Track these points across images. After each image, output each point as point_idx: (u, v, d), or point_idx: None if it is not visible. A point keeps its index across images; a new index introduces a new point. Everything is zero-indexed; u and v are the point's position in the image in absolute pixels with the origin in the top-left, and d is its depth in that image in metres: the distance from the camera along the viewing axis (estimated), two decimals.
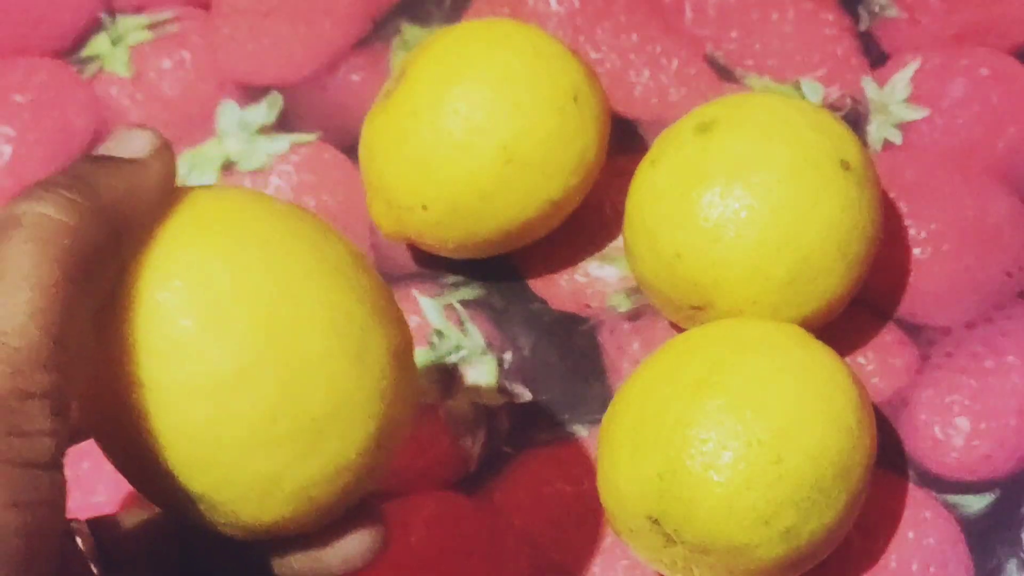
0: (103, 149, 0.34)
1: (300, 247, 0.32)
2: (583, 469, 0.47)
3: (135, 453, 0.32)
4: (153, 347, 0.31)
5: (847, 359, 0.48)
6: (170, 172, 0.34)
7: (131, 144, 0.34)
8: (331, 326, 0.32)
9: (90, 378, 0.31)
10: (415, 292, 0.51)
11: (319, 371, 0.31)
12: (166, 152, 0.34)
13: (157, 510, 0.37)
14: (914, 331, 0.49)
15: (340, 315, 0.32)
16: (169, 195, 0.33)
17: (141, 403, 0.31)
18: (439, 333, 0.50)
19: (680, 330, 0.48)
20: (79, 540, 0.37)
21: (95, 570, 0.37)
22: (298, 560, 0.35)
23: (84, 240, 0.30)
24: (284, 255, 0.32)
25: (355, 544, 0.35)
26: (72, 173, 0.32)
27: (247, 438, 0.31)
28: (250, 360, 0.31)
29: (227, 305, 0.31)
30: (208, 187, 0.34)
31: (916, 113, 0.53)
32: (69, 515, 0.34)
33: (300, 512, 0.33)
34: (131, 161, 0.33)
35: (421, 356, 0.49)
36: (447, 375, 0.49)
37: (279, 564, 0.36)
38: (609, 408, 0.44)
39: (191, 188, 0.34)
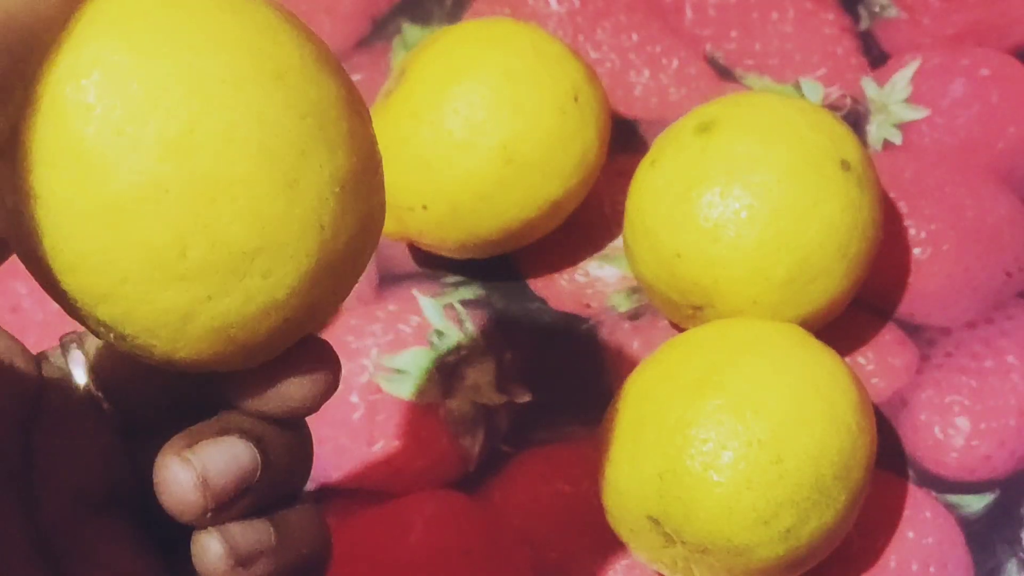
0: None
1: (234, 48, 0.28)
2: (583, 469, 0.47)
3: (40, 274, 0.28)
4: (49, 155, 0.27)
5: (847, 359, 0.48)
6: None
7: None
8: (258, 146, 0.27)
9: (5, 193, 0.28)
10: (415, 292, 0.51)
11: (239, 199, 0.27)
12: None
13: None
14: (914, 331, 0.49)
15: (272, 133, 0.28)
16: None
17: (37, 219, 0.27)
18: (439, 333, 0.50)
19: (680, 330, 0.48)
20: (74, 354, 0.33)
21: (99, 392, 0.33)
22: (248, 397, 0.31)
23: None
24: (211, 58, 0.27)
25: (294, 389, 0.31)
26: None
27: (150, 270, 0.27)
28: (155, 180, 0.27)
29: (134, 113, 0.27)
30: None
31: (916, 113, 0.53)
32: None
33: (221, 352, 0.29)
34: None
35: (421, 356, 0.49)
36: (447, 375, 0.49)
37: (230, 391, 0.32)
38: (609, 408, 0.44)
39: None
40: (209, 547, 0.30)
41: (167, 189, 0.27)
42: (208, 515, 0.30)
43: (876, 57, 0.54)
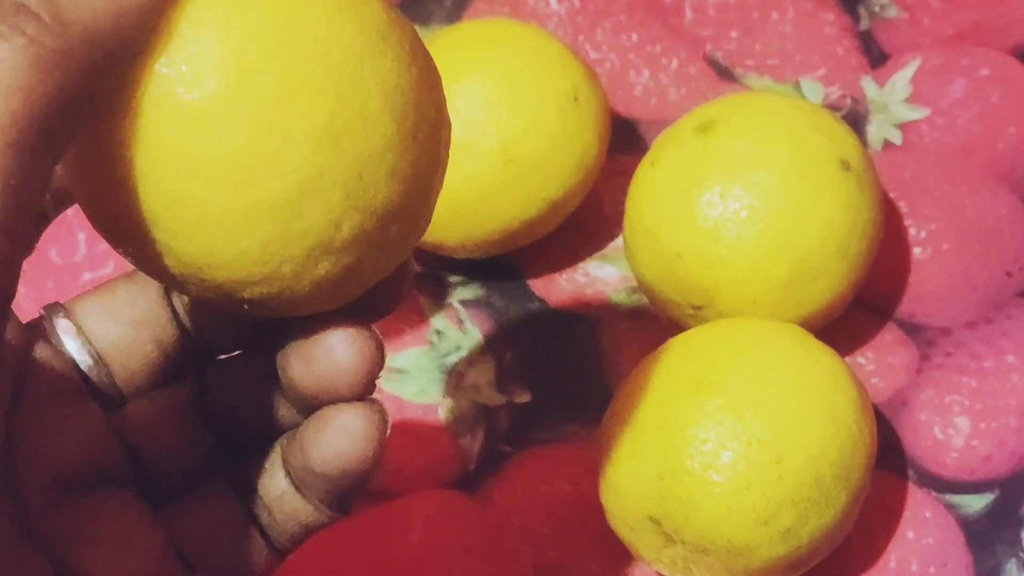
0: None
1: (343, 19, 0.28)
2: (583, 469, 0.47)
3: (167, 265, 0.28)
4: (196, 168, 0.26)
5: (847, 359, 0.48)
6: None
7: None
8: (388, 112, 0.28)
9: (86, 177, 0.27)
10: (415, 292, 0.51)
11: (381, 166, 0.28)
12: None
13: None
14: (914, 331, 0.49)
15: (395, 96, 0.28)
16: None
17: (189, 225, 0.27)
18: (439, 333, 0.50)
19: (680, 330, 0.48)
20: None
21: (88, 360, 0.32)
22: (294, 355, 0.31)
23: (45, 94, 0.24)
24: (331, 33, 0.27)
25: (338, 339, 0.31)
26: None
27: (310, 251, 0.28)
28: (311, 174, 0.27)
29: (279, 112, 0.27)
30: None
31: (916, 113, 0.53)
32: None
33: (348, 299, 0.30)
34: None
35: (421, 356, 0.49)
36: (447, 375, 0.49)
37: (281, 356, 0.31)
38: (609, 408, 0.44)
39: None
40: (369, 417, 0.30)
41: (322, 175, 0.27)
42: (365, 386, 0.30)
43: (876, 57, 0.54)
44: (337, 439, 0.30)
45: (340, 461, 0.30)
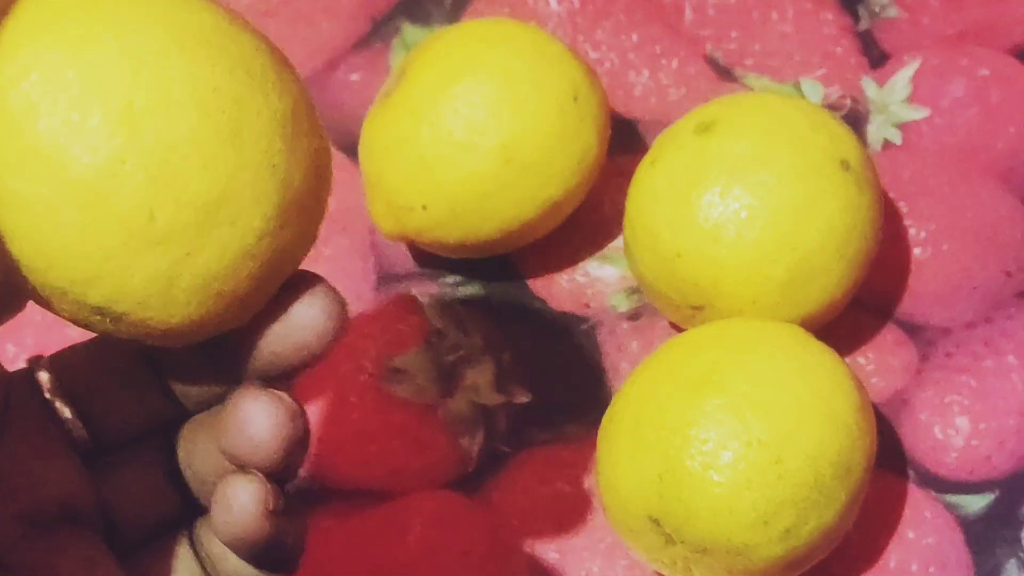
0: None
1: (153, 24, 0.30)
2: (583, 469, 0.47)
3: (26, 283, 0.30)
4: (6, 161, 0.28)
5: (847, 359, 0.48)
6: None
7: None
8: (196, 105, 0.29)
9: None
10: (415, 292, 0.51)
11: (190, 156, 0.29)
12: None
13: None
14: (914, 331, 0.49)
15: (206, 91, 0.29)
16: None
17: (9, 226, 0.29)
18: (439, 333, 0.50)
19: (680, 330, 0.48)
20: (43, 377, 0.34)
21: (66, 413, 0.33)
22: (261, 350, 0.32)
23: None
24: (135, 36, 0.29)
25: (302, 313, 0.31)
26: None
27: (126, 241, 0.29)
28: (110, 157, 0.28)
29: (77, 100, 0.28)
30: None
31: (916, 113, 0.53)
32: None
33: (213, 310, 0.30)
34: None
35: (421, 356, 0.49)
36: (446, 375, 0.49)
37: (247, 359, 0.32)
38: (609, 408, 0.44)
39: None
40: (247, 489, 0.31)
41: (123, 161, 0.28)
42: (279, 458, 0.30)
43: (876, 57, 0.54)
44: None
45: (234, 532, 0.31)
